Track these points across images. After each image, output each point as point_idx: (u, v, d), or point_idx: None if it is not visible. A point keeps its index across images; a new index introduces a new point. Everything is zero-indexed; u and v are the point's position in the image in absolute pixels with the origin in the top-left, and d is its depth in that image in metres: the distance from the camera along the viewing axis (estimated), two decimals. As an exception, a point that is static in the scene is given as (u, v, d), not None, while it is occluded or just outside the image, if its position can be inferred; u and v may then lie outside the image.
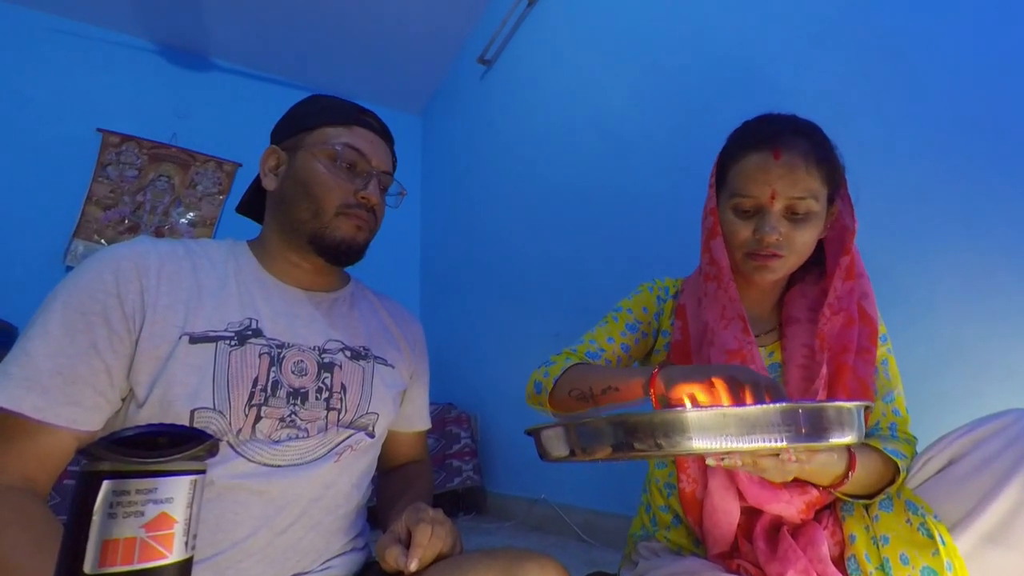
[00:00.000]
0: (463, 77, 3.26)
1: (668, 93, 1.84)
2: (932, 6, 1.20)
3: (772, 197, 0.73)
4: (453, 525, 0.62)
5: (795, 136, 0.74)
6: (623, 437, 0.39)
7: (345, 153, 0.74)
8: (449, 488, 2.37)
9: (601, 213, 2.09)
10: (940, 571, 0.58)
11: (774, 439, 0.37)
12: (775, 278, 0.79)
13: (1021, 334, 0.99)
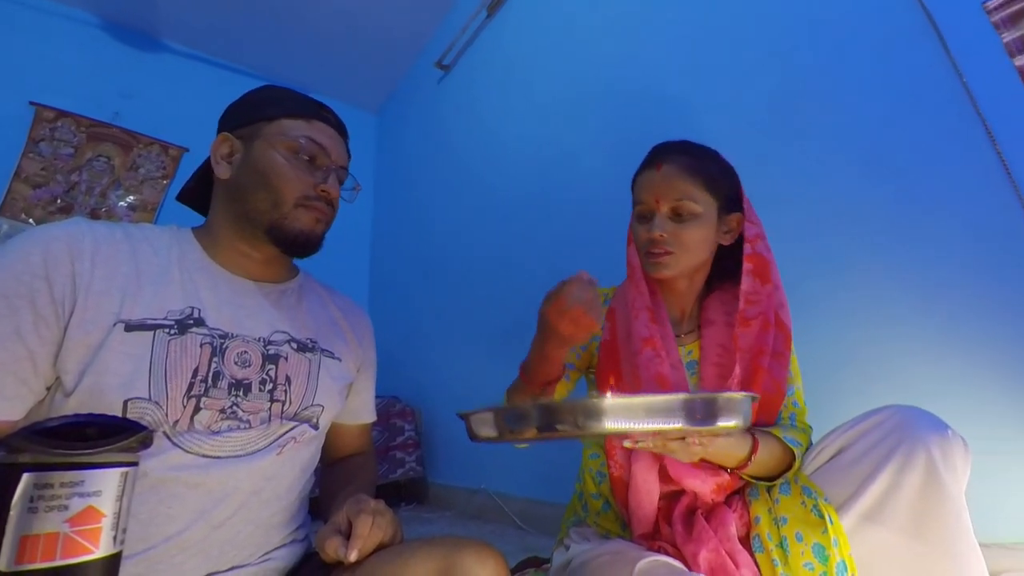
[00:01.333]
0: (421, 80, 3.22)
1: (604, 114, 1.95)
2: (839, 55, 1.34)
3: (657, 201, 0.84)
4: (394, 515, 0.61)
5: (677, 154, 0.86)
6: (547, 419, 0.43)
7: (307, 146, 0.71)
8: (392, 479, 2.34)
9: (544, 219, 2.14)
10: (828, 547, 0.64)
11: (673, 422, 0.42)
12: (669, 273, 0.85)
13: (898, 341, 1.14)
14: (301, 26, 2.99)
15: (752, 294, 0.84)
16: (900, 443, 0.65)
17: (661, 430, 0.44)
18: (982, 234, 1.07)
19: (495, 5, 2.58)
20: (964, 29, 1.14)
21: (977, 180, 1.09)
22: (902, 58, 1.23)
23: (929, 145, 1.16)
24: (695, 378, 0.85)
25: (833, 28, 1.36)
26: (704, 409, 0.43)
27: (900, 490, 0.64)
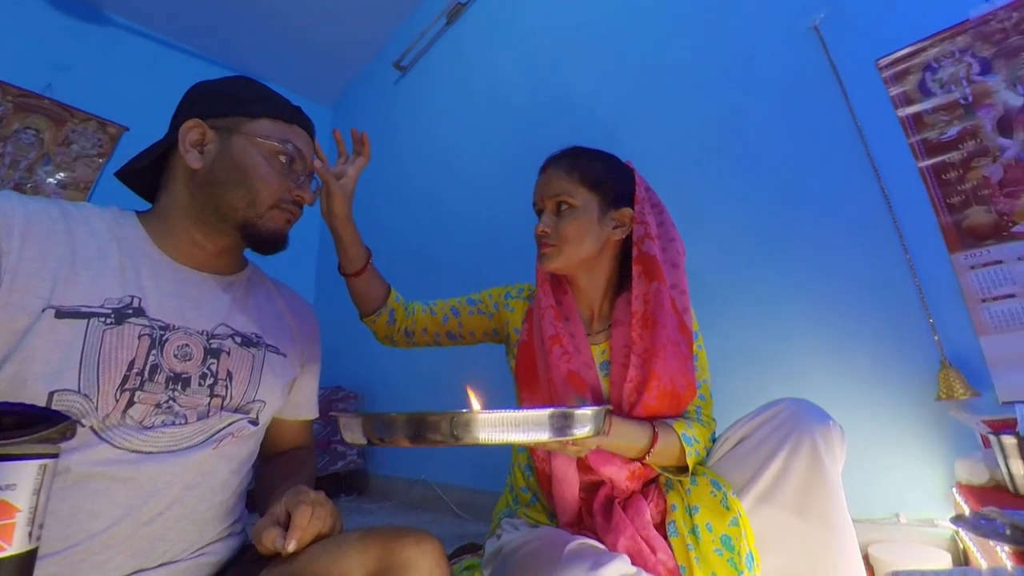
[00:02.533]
0: (378, 78, 3.14)
1: (546, 127, 2.02)
2: (756, 94, 1.46)
3: (542, 200, 0.89)
4: (334, 506, 0.59)
5: (560, 158, 0.91)
6: (419, 430, 0.44)
7: (290, 152, 0.69)
8: (332, 471, 2.26)
9: (488, 223, 2.16)
10: (736, 537, 0.68)
11: (535, 433, 0.45)
12: (555, 265, 0.86)
13: (792, 341, 1.27)
14: (258, 13, 2.82)
15: (644, 294, 0.83)
16: (790, 433, 0.71)
17: (523, 442, 0.46)
18: (864, 255, 1.21)
19: (455, 14, 2.57)
20: (861, 81, 1.28)
21: (863, 211, 1.22)
22: (811, 100, 1.35)
23: (826, 178, 1.30)
24: (607, 379, 0.85)
25: (752, 70, 1.47)
26: (561, 422, 0.47)
27: (789, 474, 0.70)
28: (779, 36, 1.43)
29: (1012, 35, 1.11)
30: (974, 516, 0.74)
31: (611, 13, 1.89)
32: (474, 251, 2.20)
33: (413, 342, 0.99)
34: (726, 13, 1.56)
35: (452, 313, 0.98)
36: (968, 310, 1.07)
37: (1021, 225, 1.04)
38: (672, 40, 1.68)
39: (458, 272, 2.26)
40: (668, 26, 1.71)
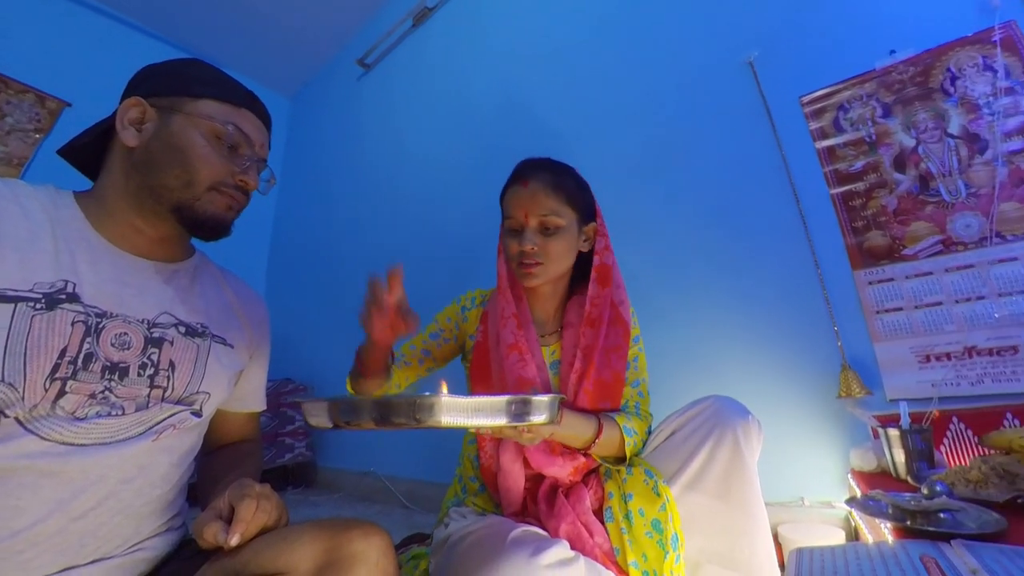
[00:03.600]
0: (340, 73, 3.03)
1: (504, 131, 2.03)
2: (695, 118, 1.54)
3: (526, 216, 0.84)
4: (280, 499, 0.57)
5: (540, 171, 0.86)
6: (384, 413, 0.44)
7: (233, 135, 0.64)
8: (279, 464, 2.16)
9: (444, 222, 2.15)
10: (664, 522, 0.72)
11: (495, 418, 0.47)
12: (539, 282, 0.85)
13: (720, 343, 1.35)
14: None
15: (595, 298, 0.87)
16: (715, 427, 0.76)
17: (484, 426, 0.47)
18: (783, 269, 1.30)
19: (421, 17, 2.53)
20: (787, 114, 1.37)
21: (784, 229, 1.32)
22: (743, 128, 1.44)
23: (754, 199, 1.39)
24: (557, 378, 0.87)
25: (694, 97, 1.55)
26: (519, 408, 0.48)
27: (713, 464, 0.75)
28: (719, 68, 1.51)
29: (908, 86, 1.23)
30: (864, 498, 0.81)
31: (569, 31, 1.93)
32: (432, 249, 2.18)
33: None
34: (674, 42, 1.64)
35: (425, 355, 0.95)
36: (865, 320, 1.18)
37: (909, 249, 1.16)
38: (624, 62, 1.74)
39: (415, 269, 2.22)
40: (621, 48, 1.76)
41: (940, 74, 1.20)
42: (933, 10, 1.23)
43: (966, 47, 1.18)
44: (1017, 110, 1.11)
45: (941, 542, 0.59)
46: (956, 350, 1.07)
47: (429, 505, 1.78)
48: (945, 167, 1.16)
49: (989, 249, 1.08)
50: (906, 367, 1.11)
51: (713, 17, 1.57)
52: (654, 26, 1.70)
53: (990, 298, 1.06)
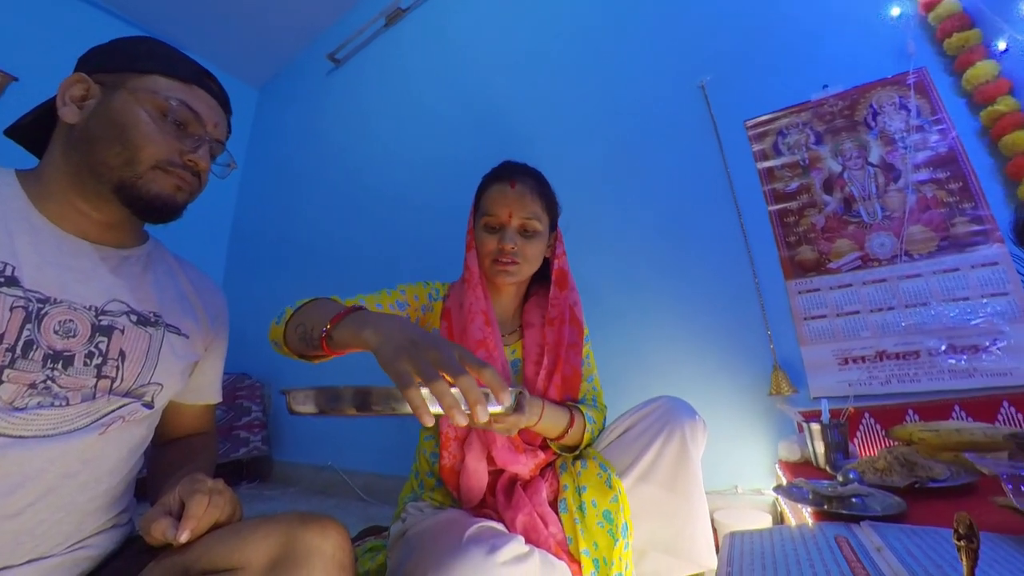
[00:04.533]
0: (310, 66, 2.91)
1: (470, 133, 2.03)
2: (652, 134, 1.59)
3: (510, 216, 0.84)
4: (234, 494, 0.53)
5: (526, 175, 0.88)
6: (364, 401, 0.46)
7: (179, 110, 0.59)
8: (233, 458, 2.05)
9: (408, 219, 2.12)
10: (615, 512, 0.73)
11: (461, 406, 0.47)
12: (514, 281, 0.87)
13: (667, 344, 1.40)
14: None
15: (555, 299, 0.91)
16: (665, 426, 0.79)
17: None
18: (725, 277, 1.37)
19: (394, 17, 2.47)
20: (733, 135, 1.45)
21: (727, 241, 1.39)
22: (694, 146, 1.50)
23: (702, 211, 1.45)
24: (519, 376, 0.88)
25: (651, 114, 1.61)
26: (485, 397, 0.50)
27: (663, 458, 0.78)
28: (674, 89, 1.57)
29: (837, 118, 1.33)
30: (788, 486, 0.87)
31: (538, 45, 1.95)
32: (395, 246, 2.13)
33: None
34: (635, 62, 1.69)
35: None
36: (794, 326, 1.26)
37: (834, 263, 1.25)
38: (588, 78, 1.78)
39: (377, 265, 2.17)
40: (586, 65, 1.80)
41: (864, 109, 1.30)
42: (860, 52, 1.33)
43: (886, 87, 1.29)
44: (925, 145, 1.22)
45: (852, 523, 0.64)
46: (869, 354, 1.17)
47: (386, 498, 1.74)
48: (865, 192, 1.26)
49: (899, 266, 1.18)
50: (827, 368, 1.20)
51: (671, 42, 1.63)
52: (617, 46, 1.74)
53: (899, 309, 1.16)
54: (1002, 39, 1.14)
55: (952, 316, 1.11)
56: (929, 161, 1.21)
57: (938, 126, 1.22)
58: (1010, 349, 1.05)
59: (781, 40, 1.44)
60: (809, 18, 1.42)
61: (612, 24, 1.77)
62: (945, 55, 1.24)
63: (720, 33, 1.54)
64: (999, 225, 1.12)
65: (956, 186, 1.17)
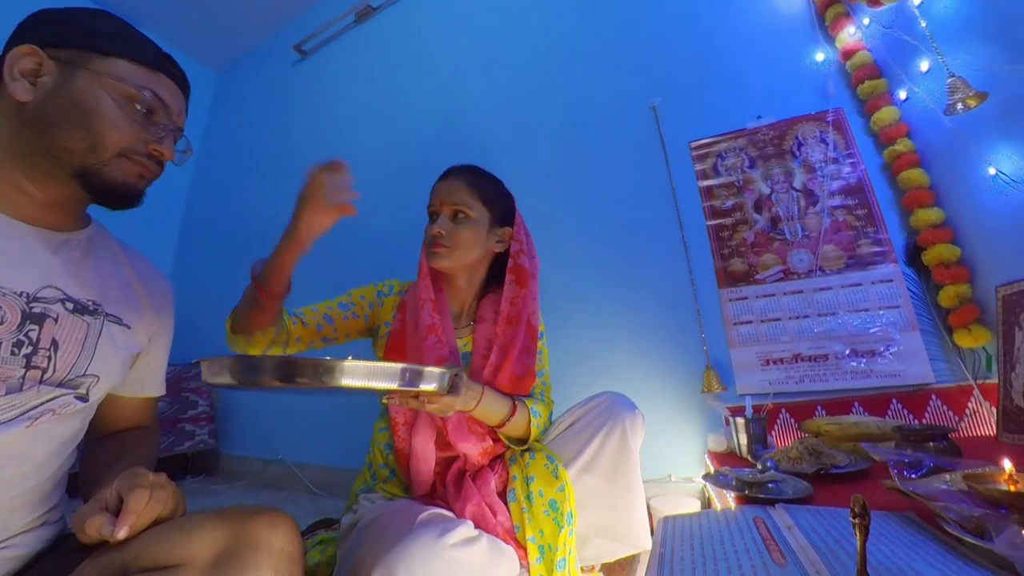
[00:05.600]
0: (274, 55, 2.76)
1: (431, 137, 2.00)
2: (602, 149, 1.63)
3: (441, 204, 0.89)
4: (177, 489, 0.49)
5: (462, 171, 0.92)
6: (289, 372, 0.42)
7: (149, 100, 0.55)
8: (178, 451, 1.91)
9: (371, 216, 2.04)
10: (560, 501, 0.75)
11: (389, 383, 0.47)
12: (445, 264, 0.87)
13: (612, 344, 1.44)
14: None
15: (514, 298, 0.90)
16: (607, 420, 0.81)
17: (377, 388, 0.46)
18: (666, 284, 1.43)
19: (364, 14, 2.39)
20: (678, 155, 1.52)
21: (669, 251, 1.45)
22: (644, 162, 1.56)
23: (647, 223, 1.51)
24: (468, 368, 0.87)
25: (606, 130, 1.65)
26: (410, 376, 0.49)
27: (604, 450, 0.80)
28: (628, 108, 1.63)
29: (768, 146, 1.42)
30: (715, 474, 0.92)
31: (505, 55, 1.95)
32: (353, 242, 2.06)
33: (281, 350, 0.87)
34: (594, 80, 1.73)
35: (326, 321, 0.89)
36: (725, 330, 1.34)
37: (760, 274, 1.34)
38: (550, 90, 1.80)
39: (335, 260, 2.08)
40: (549, 79, 1.82)
41: (791, 140, 1.41)
42: (790, 89, 1.44)
43: (810, 122, 1.40)
44: (839, 176, 1.33)
45: (768, 506, 0.69)
46: (787, 356, 1.26)
47: (338, 491, 1.68)
48: (789, 213, 1.36)
49: (814, 279, 1.29)
50: (752, 369, 1.29)
51: (627, 64, 1.68)
52: (577, 64, 1.78)
53: (812, 317, 1.27)
54: (903, 89, 1.27)
55: (855, 325, 1.23)
56: (841, 189, 1.32)
57: (850, 159, 1.34)
58: (900, 354, 1.17)
59: (723, 72, 1.53)
60: (748, 55, 1.52)
61: (573, 43, 1.81)
62: (858, 99, 1.36)
63: (670, 61, 1.61)
64: (895, 248, 1.25)
65: (862, 212, 1.29)
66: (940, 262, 1.16)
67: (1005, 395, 0.94)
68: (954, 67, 1.01)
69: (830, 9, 1.41)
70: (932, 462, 0.66)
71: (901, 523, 0.57)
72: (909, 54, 1.20)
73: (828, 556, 0.49)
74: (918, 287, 1.21)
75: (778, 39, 1.50)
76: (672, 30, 1.64)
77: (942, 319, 1.17)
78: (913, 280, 1.22)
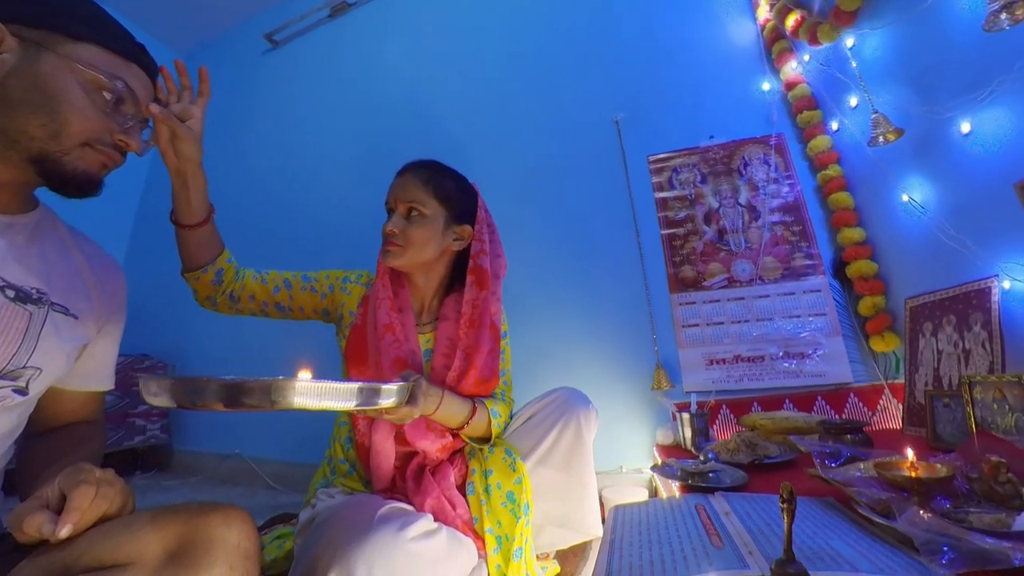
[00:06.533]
0: (244, 42, 2.60)
1: (400, 136, 1.95)
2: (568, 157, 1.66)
3: (396, 202, 0.84)
4: (125, 485, 0.45)
5: (418, 168, 0.87)
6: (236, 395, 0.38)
7: (121, 91, 0.51)
8: (127, 446, 1.77)
9: (336, 209, 1.99)
10: (518, 492, 0.75)
11: (347, 403, 0.44)
12: (397, 262, 0.83)
13: (570, 342, 1.47)
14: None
15: (475, 300, 0.85)
16: (563, 414, 0.83)
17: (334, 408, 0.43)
18: (622, 287, 1.47)
19: (339, 9, 2.30)
20: (638, 167, 1.56)
21: (626, 257, 1.49)
22: (605, 173, 1.60)
23: (607, 230, 1.55)
24: (428, 365, 0.84)
25: (571, 140, 1.67)
26: (367, 394, 0.46)
27: (560, 444, 0.81)
28: (593, 120, 1.66)
29: (718, 164, 1.50)
30: (662, 465, 0.96)
31: (477, 60, 1.93)
32: (317, 234, 1.98)
33: (237, 308, 0.83)
34: (562, 91, 1.75)
35: (284, 285, 0.85)
36: (675, 332, 1.40)
37: (708, 282, 1.41)
38: (518, 98, 1.80)
39: (298, 251, 2.00)
40: (520, 86, 1.82)
41: (738, 159, 1.48)
42: (738, 113, 1.52)
43: (755, 145, 1.48)
44: (779, 195, 1.42)
45: (709, 494, 0.72)
46: (728, 357, 1.33)
47: (297, 486, 1.61)
48: (735, 226, 1.44)
49: (754, 288, 1.36)
50: (697, 368, 1.35)
51: (594, 79, 1.71)
52: (549, 74, 1.79)
53: (752, 322, 1.34)
54: (835, 121, 1.37)
55: (788, 329, 1.31)
56: (780, 207, 1.41)
57: (788, 180, 1.43)
58: (825, 357, 1.26)
59: (681, 93, 1.59)
60: (704, 79, 1.59)
61: (544, 54, 1.82)
62: (797, 126, 1.46)
63: (634, 79, 1.66)
64: (823, 261, 1.34)
65: (797, 229, 1.38)
66: (860, 276, 1.26)
67: (910, 393, 1.03)
68: (878, 104, 1.10)
69: (776, 44, 1.50)
70: (849, 452, 0.72)
71: (822, 507, 0.62)
72: (841, 90, 1.29)
73: (760, 538, 0.52)
74: (842, 297, 1.32)
75: (731, 67, 1.58)
76: (637, 51, 1.69)
77: (860, 326, 1.27)
78: (838, 291, 1.32)
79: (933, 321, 1.00)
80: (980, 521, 0.47)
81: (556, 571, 0.88)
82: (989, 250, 0.89)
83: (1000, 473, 0.52)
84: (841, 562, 0.44)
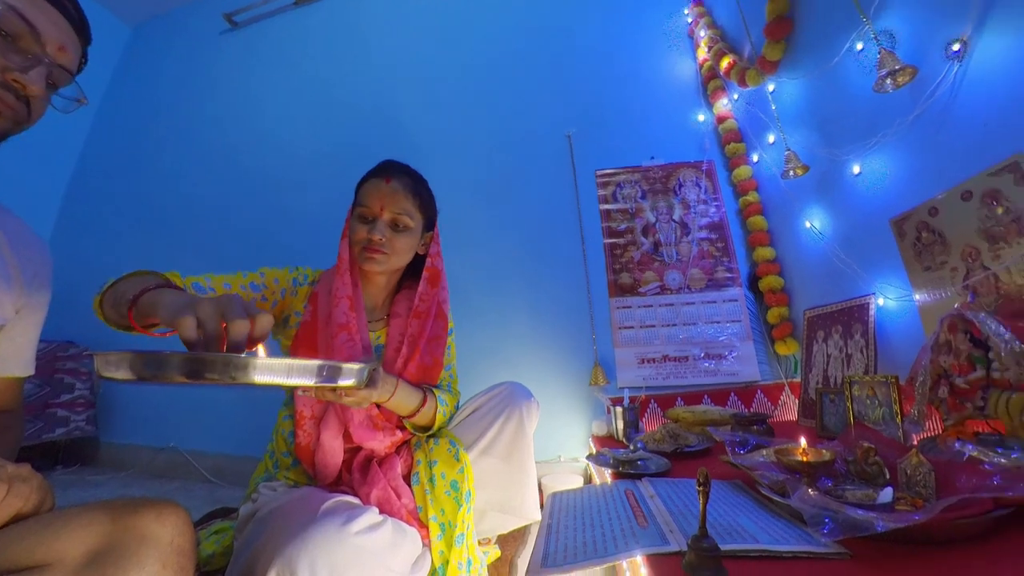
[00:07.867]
0: (200, 20, 2.37)
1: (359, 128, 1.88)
2: (523, 166, 1.67)
3: (381, 209, 0.78)
4: (43, 481, 0.40)
5: (403, 174, 0.82)
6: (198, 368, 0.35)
7: (7, 19, 0.42)
8: (47, 439, 1.54)
9: (291, 200, 1.88)
10: (460, 482, 0.74)
11: (307, 379, 0.41)
12: (379, 270, 0.80)
13: (514, 339, 1.48)
14: None
15: (424, 295, 0.85)
16: (506, 407, 0.82)
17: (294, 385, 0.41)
18: (566, 291, 1.50)
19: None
20: (586, 180, 1.60)
21: (570, 262, 1.53)
22: (557, 183, 1.63)
23: (555, 236, 1.58)
24: (380, 361, 0.82)
25: (526, 151, 1.69)
26: (329, 372, 0.44)
27: (502, 435, 0.81)
28: (547, 134, 1.68)
29: (657, 183, 1.57)
30: (597, 454, 0.98)
31: (439, 63, 1.89)
32: (270, 224, 1.84)
33: None
34: (521, 102, 1.76)
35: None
36: (612, 332, 1.44)
37: (643, 288, 1.47)
38: (479, 105, 1.79)
39: (249, 240, 1.85)
40: (480, 93, 1.81)
41: (674, 180, 1.57)
42: (677, 138, 1.61)
43: (688, 168, 1.57)
44: (706, 214, 1.52)
45: (637, 480, 0.75)
46: (658, 357, 1.40)
47: (237, 480, 1.49)
48: (668, 240, 1.51)
49: (683, 295, 1.45)
50: (631, 366, 1.40)
51: (550, 93, 1.74)
52: (508, 85, 1.79)
53: (679, 326, 1.42)
54: (756, 153, 1.48)
55: (709, 334, 1.40)
56: (707, 225, 1.51)
57: (715, 203, 1.53)
58: (739, 358, 1.36)
59: (628, 115, 1.66)
60: (649, 104, 1.66)
61: (504, 65, 1.82)
62: (725, 155, 1.56)
63: (586, 98, 1.71)
64: (740, 275, 1.45)
65: (721, 245, 1.48)
66: (770, 289, 1.37)
67: (804, 390, 1.14)
68: (791, 143, 1.21)
69: (711, 82, 1.61)
70: (755, 441, 0.78)
71: (732, 489, 0.66)
72: (762, 128, 1.40)
73: (679, 517, 0.55)
74: (754, 307, 1.43)
75: (673, 97, 1.66)
76: (591, 73, 1.74)
77: (768, 332, 1.39)
78: (751, 301, 1.43)
79: (824, 330, 1.10)
80: (853, 496, 0.52)
81: (497, 555, 0.87)
82: (869, 272, 1.00)
83: (870, 456, 0.58)
84: (746, 536, 0.47)
